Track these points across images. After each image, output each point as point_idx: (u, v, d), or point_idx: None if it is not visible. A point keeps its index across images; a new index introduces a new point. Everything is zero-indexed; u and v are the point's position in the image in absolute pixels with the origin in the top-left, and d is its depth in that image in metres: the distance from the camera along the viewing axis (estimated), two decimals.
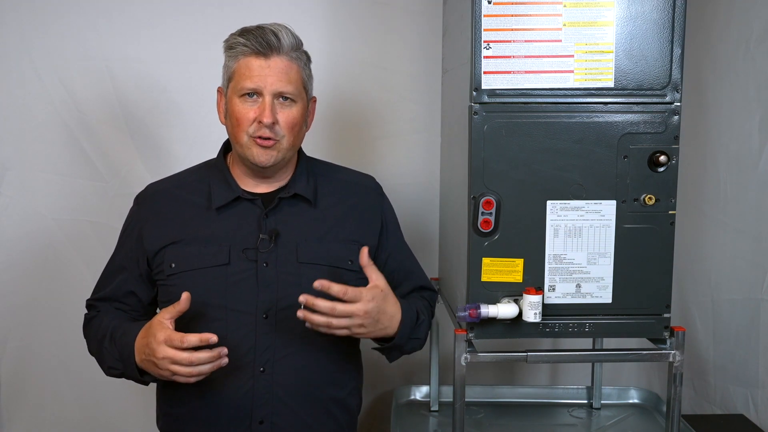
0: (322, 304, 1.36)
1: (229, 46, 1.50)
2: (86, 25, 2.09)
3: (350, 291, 1.39)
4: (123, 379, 1.53)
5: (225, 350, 1.37)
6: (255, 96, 1.47)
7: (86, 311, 1.64)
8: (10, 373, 2.20)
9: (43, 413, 2.22)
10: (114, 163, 2.15)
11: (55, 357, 2.20)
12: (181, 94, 2.13)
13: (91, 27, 2.09)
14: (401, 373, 2.26)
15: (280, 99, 1.48)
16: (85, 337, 1.62)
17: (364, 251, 1.44)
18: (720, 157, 2.08)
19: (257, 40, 1.46)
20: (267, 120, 1.45)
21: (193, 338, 1.34)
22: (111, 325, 1.52)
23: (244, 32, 1.49)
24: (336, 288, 1.37)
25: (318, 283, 1.36)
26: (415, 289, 1.69)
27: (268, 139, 1.47)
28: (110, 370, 1.51)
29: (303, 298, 1.35)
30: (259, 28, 1.48)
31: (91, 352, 1.59)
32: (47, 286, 2.18)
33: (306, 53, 1.55)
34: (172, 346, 1.35)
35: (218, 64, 1.57)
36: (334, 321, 1.38)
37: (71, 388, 2.22)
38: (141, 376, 1.45)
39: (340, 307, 1.38)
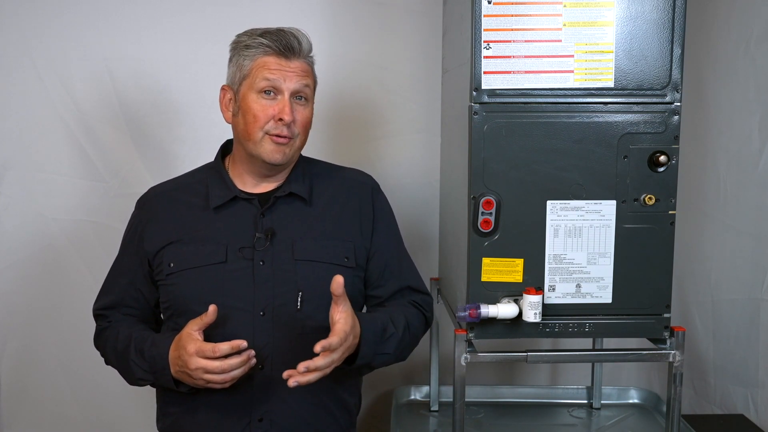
0: (322, 362, 1.34)
1: (246, 46, 1.51)
2: (86, 25, 2.09)
3: (342, 335, 1.37)
4: (136, 383, 1.54)
5: (253, 352, 1.39)
6: (273, 93, 1.49)
7: (95, 322, 1.64)
8: (10, 373, 2.20)
9: (43, 413, 2.22)
10: (114, 163, 2.15)
11: (55, 357, 2.20)
12: (181, 94, 2.13)
13: (91, 27, 2.09)
14: (401, 373, 2.26)
15: (296, 98, 1.51)
16: (99, 348, 1.62)
17: (338, 280, 1.36)
18: (720, 157, 2.08)
19: (280, 42, 1.49)
20: (287, 117, 1.48)
21: (224, 347, 1.37)
22: (133, 336, 1.52)
23: (264, 33, 1.51)
24: (335, 340, 1.35)
25: (320, 347, 1.33)
26: (402, 290, 1.65)
27: (285, 137, 1.49)
28: (139, 382, 1.52)
29: (303, 366, 1.32)
30: (281, 31, 1.51)
31: (110, 363, 1.60)
32: (47, 286, 2.18)
33: (313, 58, 1.58)
34: (204, 356, 1.37)
35: (218, 64, 1.57)
36: (328, 370, 1.37)
37: (71, 388, 2.22)
38: (176, 386, 1.47)
39: (335, 355, 1.37)
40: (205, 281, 1.50)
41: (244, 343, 1.38)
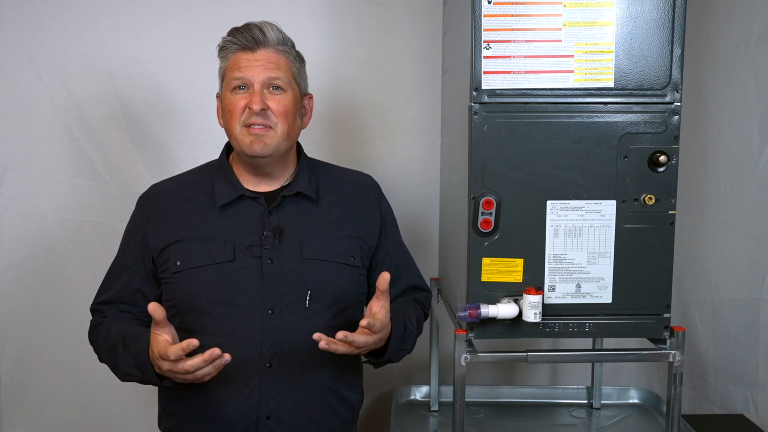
0: (361, 339, 1.39)
1: (221, 47, 1.55)
2: (86, 24, 2.09)
3: (383, 323, 1.42)
4: (134, 382, 1.53)
5: (217, 351, 1.34)
6: (245, 88, 1.50)
7: (91, 317, 1.63)
8: (10, 373, 2.20)
9: (43, 413, 2.22)
10: (114, 163, 2.15)
11: (55, 357, 2.20)
12: (181, 94, 2.13)
13: (91, 27, 2.09)
14: (401, 373, 2.26)
15: (270, 88, 1.51)
16: (93, 344, 1.61)
17: (385, 276, 1.41)
18: (720, 157, 2.08)
19: (243, 36, 1.51)
20: (256, 106, 1.48)
21: (175, 349, 1.33)
22: (121, 331, 1.52)
23: (232, 32, 1.53)
24: (361, 340, 1.39)
25: (340, 335, 1.36)
26: (409, 288, 1.71)
27: (261, 126, 1.49)
28: (127, 377, 1.51)
29: (341, 334, 1.35)
30: (246, 26, 1.53)
31: (102, 359, 1.59)
32: (47, 286, 2.18)
33: (298, 53, 1.58)
34: (166, 359, 1.36)
35: (218, 64, 1.57)
36: (353, 349, 1.40)
37: (71, 388, 2.22)
38: (161, 381, 1.46)
39: (370, 339, 1.41)
40: (213, 280, 1.50)
41: (194, 342, 1.33)
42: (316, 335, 1.36)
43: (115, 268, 1.63)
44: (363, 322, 1.38)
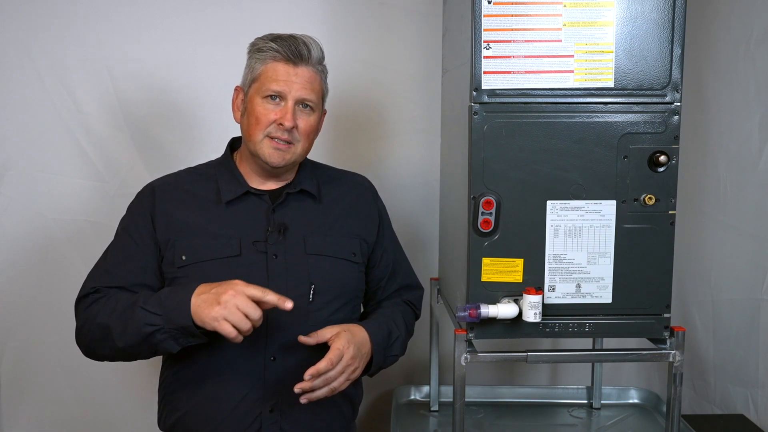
0: (318, 382, 1.43)
1: (258, 49, 1.55)
2: (86, 25, 2.09)
3: (333, 357, 1.44)
4: (133, 337, 1.43)
5: (289, 303, 1.39)
6: (278, 99, 1.53)
7: (83, 298, 1.54)
8: (10, 373, 2.20)
9: (43, 413, 2.22)
10: (114, 163, 2.15)
11: (55, 357, 2.20)
12: (180, 94, 2.13)
13: (91, 27, 2.09)
14: (401, 373, 2.26)
15: (301, 106, 1.54)
16: (85, 318, 1.51)
17: (301, 339, 1.47)
18: (720, 157, 2.08)
19: (289, 48, 1.52)
20: (288, 123, 1.51)
21: (272, 298, 1.37)
22: (140, 294, 1.46)
23: (276, 38, 1.54)
24: (323, 365, 1.43)
25: (307, 374, 1.41)
26: (402, 288, 1.76)
27: (284, 141, 1.53)
28: (145, 327, 1.41)
29: (298, 388, 1.41)
30: (292, 37, 1.54)
31: (92, 332, 1.49)
32: (47, 286, 2.18)
33: (326, 67, 1.61)
34: (250, 296, 1.37)
35: (218, 64, 1.58)
36: (335, 384, 1.46)
37: (71, 388, 2.22)
38: (184, 332, 1.40)
39: (332, 372, 1.45)
40: (220, 274, 1.49)
41: (289, 304, 1.38)
42: (298, 389, 1.42)
43: (120, 253, 1.57)
44: (306, 375, 1.40)
